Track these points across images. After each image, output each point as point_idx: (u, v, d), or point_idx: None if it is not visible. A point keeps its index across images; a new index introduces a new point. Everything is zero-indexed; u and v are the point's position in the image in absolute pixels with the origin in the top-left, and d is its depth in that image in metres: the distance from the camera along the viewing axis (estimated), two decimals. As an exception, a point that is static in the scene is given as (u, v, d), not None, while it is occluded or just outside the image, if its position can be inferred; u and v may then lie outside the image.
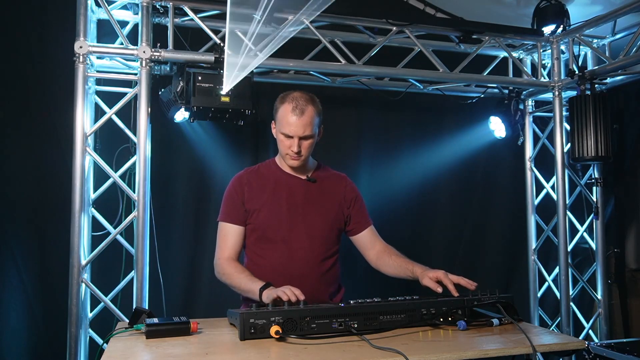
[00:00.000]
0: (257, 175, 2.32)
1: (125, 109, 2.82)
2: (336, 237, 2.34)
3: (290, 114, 2.13)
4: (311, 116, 2.15)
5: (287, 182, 2.29)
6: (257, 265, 2.25)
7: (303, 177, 2.30)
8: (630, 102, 3.77)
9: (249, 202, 2.25)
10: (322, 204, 2.29)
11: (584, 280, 3.67)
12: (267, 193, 2.26)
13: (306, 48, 3.15)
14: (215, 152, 3.30)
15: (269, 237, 2.23)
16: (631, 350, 2.40)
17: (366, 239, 2.37)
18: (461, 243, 3.90)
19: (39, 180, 2.98)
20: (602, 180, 3.66)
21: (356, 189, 2.42)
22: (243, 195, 2.26)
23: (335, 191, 2.35)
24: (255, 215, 2.24)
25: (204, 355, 1.50)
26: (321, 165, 2.41)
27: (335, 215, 2.31)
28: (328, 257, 2.28)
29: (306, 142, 2.18)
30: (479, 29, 3.37)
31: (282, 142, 2.20)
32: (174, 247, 3.21)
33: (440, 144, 3.82)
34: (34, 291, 2.94)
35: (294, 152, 2.16)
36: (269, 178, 2.30)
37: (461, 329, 1.77)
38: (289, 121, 2.14)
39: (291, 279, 2.13)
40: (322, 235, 2.26)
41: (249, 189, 2.26)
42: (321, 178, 2.34)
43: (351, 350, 1.53)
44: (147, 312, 1.83)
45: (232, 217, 2.26)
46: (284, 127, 2.16)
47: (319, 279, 2.23)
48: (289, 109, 2.14)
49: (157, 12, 2.89)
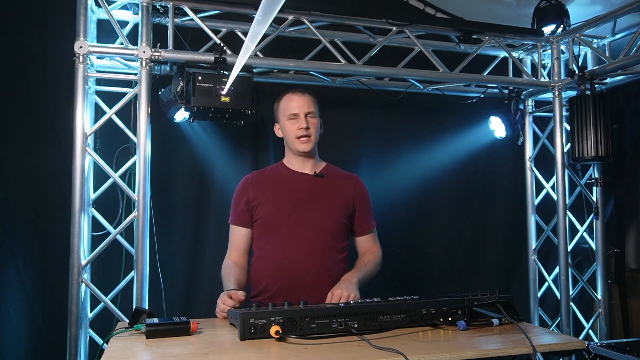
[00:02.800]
0: (263, 175, 2.40)
1: (125, 109, 2.82)
2: (344, 233, 2.35)
3: (292, 95, 2.32)
4: (311, 98, 2.33)
5: (293, 178, 2.33)
6: (262, 258, 2.30)
7: (310, 173, 2.33)
8: (630, 102, 3.77)
9: (254, 200, 2.30)
10: (329, 200, 2.32)
11: (584, 280, 3.67)
12: (272, 189, 2.31)
13: (306, 48, 3.15)
14: (215, 152, 3.30)
15: (274, 231, 2.27)
16: (631, 350, 2.40)
17: (360, 244, 2.45)
18: (461, 243, 3.89)
19: (39, 180, 2.98)
20: (602, 180, 3.66)
21: (366, 191, 2.45)
22: (248, 195, 2.32)
23: (345, 189, 2.38)
24: (261, 211, 2.29)
25: (204, 355, 1.50)
26: (330, 165, 2.46)
27: (341, 211, 2.33)
28: (334, 252, 2.29)
29: (313, 120, 2.30)
30: (479, 29, 3.37)
31: (290, 127, 2.30)
32: (174, 247, 3.20)
33: (440, 144, 3.81)
34: (34, 291, 2.93)
35: (304, 128, 2.25)
36: (275, 176, 2.37)
37: (461, 329, 1.77)
38: (292, 102, 2.30)
39: (295, 274, 2.17)
40: (327, 231, 2.28)
41: (253, 187, 2.33)
42: (330, 175, 2.38)
43: (351, 350, 1.53)
44: (147, 312, 1.83)
45: (237, 220, 2.35)
46: (288, 109, 2.30)
47: (323, 273, 2.24)
48: (289, 94, 2.34)
49: (157, 12, 2.89)
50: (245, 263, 2.35)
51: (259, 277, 2.30)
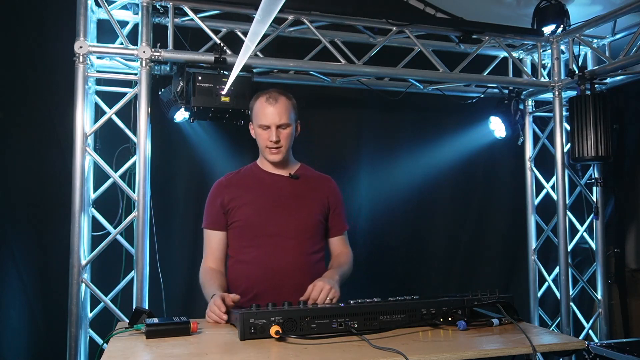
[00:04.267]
0: (238, 177, 2.34)
1: (125, 109, 2.82)
2: (321, 234, 2.34)
3: (265, 104, 2.20)
4: (285, 105, 2.21)
5: (270, 180, 2.29)
6: (242, 262, 2.25)
7: (285, 175, 2.30)
8: (630, 102, 3.77)
9: (229, 203, 2.25)
10: (307, 200, 2.29)
11: (584, 280, 3.67)
12: (249, 191, 2.27)
13: (306, 48, 3.15)
14: (215, 152, 3.30)
15: (254, 232, 2.23)
16: (631, 350, 2.40)
17: (333, 246, 2.40)
18: (461, 243, 3.90)
19: (39, 181, 2.98)
20: (602, 180, 3.66)
21: (339, 192, 2.42)
22: (223, 198, 2.26)
23: (320, 190, 2.35)
24: (239, 213, 2.24)
25: (204, 355, 1.50)
26: (304, 166, 2.41)
27: (319, 211, 2.31)
28: (314, 252, 2.27)
29: (284, 132, 2.22)
30: (479, 29, 3.37)
31: (261, 136, 2.24)
32: (174, 247, 3.20)
33: (440, 144, 3.82)
34: (34, 291, 2.93)
35: (273, 141, 2.19)
36: (250, 178, 2.32)
37: (461, 329, 1.77)
38: (265, 112, 2.19)
39: (277, 274, 2.15)
40: (306, 231, 2.26)
41: (228, 190, 2.28)
42: (305, 176, 2.34)
43: (351, 350, 1.53)
44: (147, 312, 1.83)
45: (213, 224, 2.29)
46: (260, 118, 2.21)
47: (305, 273, 2.19)
48: (264, 101, 2.21)
49: (157, 12, 2.89)
50: (223, 269, 2.31)
51: (237, 280, 2.26)
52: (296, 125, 2.29)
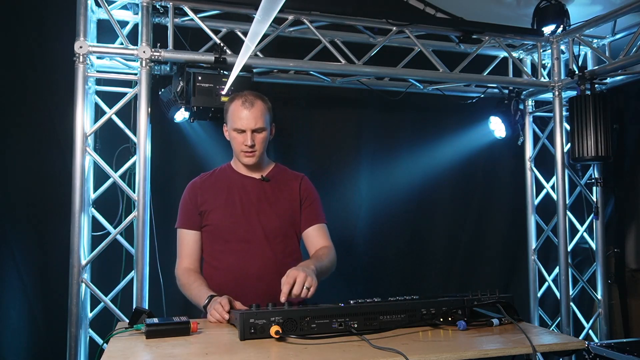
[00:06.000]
0: (211, 179, 2.33)
1: (125, 109, 2.82)
2: (295, 236, 2.30)
3: (241, 107, 2.17)
4: (261, 109, 2.19)
5: (242, 183, 2.28)
6: (214, 267, 2.23)
7: (257, 177, 2.29)
8: (630, 102, 3.77)
9: (202, 205, 2.24)
10: (277, 203, 2.27)
11: (584, 280, 3.67)
12: (221, 194, 2.25)
13: (306, 48, 3.15)
14: (215, 152, 3.30)
15: (225, 238, 2.21)
16: (631, 350, 2.41)
17: (308, 237, 2.30)
18: (461, 243, 3.90)
19: (39, 180, 2.98)
20: (602, 180, 3.66)
21: (312, 187, 2.37)
22: (196, 199, 2.25)
23: (290, 190, 2.31)
24: (210, 217, 2.23)
25: (204, 355, 1.50)
26: (278, 166, 2.39)
27: (291, 213, 2.28)
28: (286, 255, 2.24)
29: (259, 136, 2.20)
30: (479, 29, 3.38)
31: (236, 139, 2.21)
32: (174, 247, 3.18)
33: (440, 144, 3.82)
34: (34, 291, 2.94)
35: (248, 146, 2.17)
36: (223, 180, 2.30)
37: (461, 329, 1.77)
38: (240, 115, 2.16)
39: (249, 279, 2.13)
40: (278, 234, 2.24)
41: (202, 192, 2.27)
42: (276, 177, 2.32)
43: (351, 350, 1.53)
44: (147, 312, 1.82)
45: (187, 224, 2.27)
46: (235, 122, 2.18)
47: (277, 277, 2.02)
48: (239, 104, 2.18)
49: (157, 12, 2.89)
50: (200, 269, 2.28)
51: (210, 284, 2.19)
52: (271, 129, 2.27)
